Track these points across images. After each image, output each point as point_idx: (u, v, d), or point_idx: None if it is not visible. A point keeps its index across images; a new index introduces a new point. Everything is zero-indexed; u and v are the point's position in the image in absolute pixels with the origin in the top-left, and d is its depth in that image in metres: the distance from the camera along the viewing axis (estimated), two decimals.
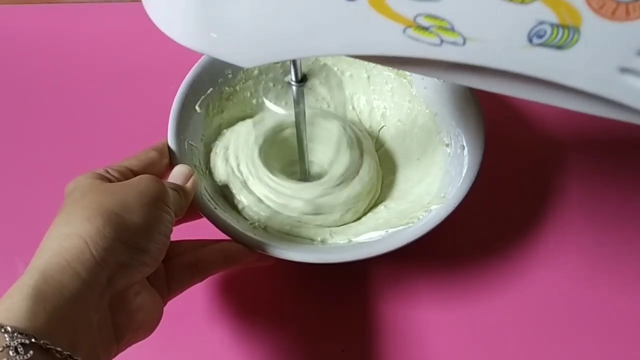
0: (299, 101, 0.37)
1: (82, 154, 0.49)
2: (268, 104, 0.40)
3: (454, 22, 0.22)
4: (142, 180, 0.32)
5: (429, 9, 0.22)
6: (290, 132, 0.44)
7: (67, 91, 0.53)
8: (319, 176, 0.43)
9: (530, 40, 0.22)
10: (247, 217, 0.41)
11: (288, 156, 0.45)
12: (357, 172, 0.42)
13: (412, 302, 0.41)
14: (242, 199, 0.41)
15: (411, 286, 0.42)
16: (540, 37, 0.21)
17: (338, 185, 0.41)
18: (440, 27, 0.22)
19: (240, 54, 0.26)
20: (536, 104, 0.49)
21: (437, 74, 0.25)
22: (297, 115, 0.38)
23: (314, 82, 0.39)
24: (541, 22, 0.21)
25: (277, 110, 0.40)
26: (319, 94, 0.41)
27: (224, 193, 0.42)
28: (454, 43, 0.22)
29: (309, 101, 0.39)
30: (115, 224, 0.29)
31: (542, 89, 0.24)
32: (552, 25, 0.21)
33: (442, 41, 0.23)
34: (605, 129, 0.49)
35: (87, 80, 0.53)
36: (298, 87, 0.36)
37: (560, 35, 0.21)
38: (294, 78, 0.36)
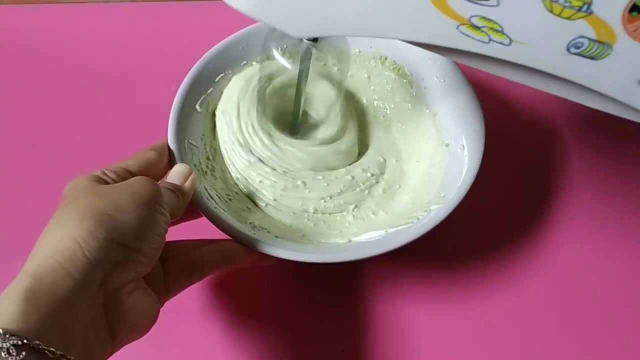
0: (305, 59, 0.38)
1: (82, 153, 0.49)
2: (277, 55, 0.40)
3: (504, 26, 0.25)
4: (136, 181, 0.33)
5: (485, 12, 0.24)
6: (288, 87, 0.44)
7: (67, 91, 0.53)
8: (306, 131, 0.45)
9: (568, 49, 0.25)
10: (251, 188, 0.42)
11: (281, 109, 0.45)
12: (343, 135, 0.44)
13: (412, 302, 0.41)
14: (242, 160, 0.42)
15: (411, 286, 0.42)
16: (577, 47, 0.25)
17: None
18: (492, 29, 0.25)
19: (294, 24, 0.28)
20: (536, 104, 0.49)
21: (479, 65, 0.28)
22: (300, 72, 0.39)
23: (324, 45, 0.40)
24: (581, 36, 0.24)
25: (284, 64, 0.41)
26: (326, 58, 0.42)
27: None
28: (500, 43, 0.25)
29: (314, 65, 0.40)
30: (107, 224, 0.29)
31: (573, 89, 0.27)
32: (590, 39, 0.24)
33: (490, 40, 0.25)
34: (605, 129, 0.49)
35: (87, 80, 0.53)
36: (309, 45, 0.37)
37: (595, 48, 0.24)
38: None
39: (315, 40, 0.36)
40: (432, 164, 0.43)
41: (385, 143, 0.46)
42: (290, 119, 0.44)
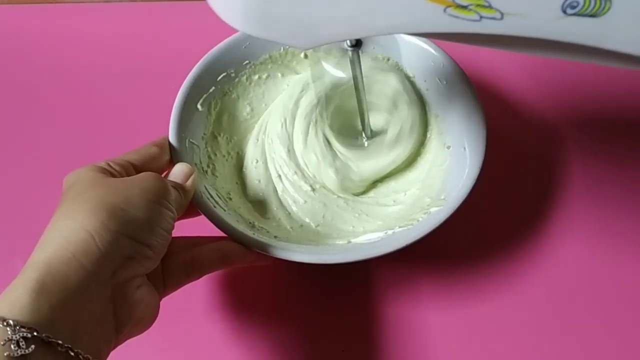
0: (355, 65, 0.38)
1: (83, 154, 0.49)
2: (326, 66, 0.41)
3: (490, 0, 0.24)
4: (145, 177, 0.33)
5: None
6: (343, 96, 0.45)
7: (68, 91, 0.53)
8: (374, 134, 0.45)
9: (564, 12, 0.23)
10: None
11: (343, 120, 0.45)
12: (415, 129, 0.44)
13: (412, 302, 0.41)
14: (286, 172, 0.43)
15: (411, 287, 0.42)
16: (573, 7, 0.23)
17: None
18: (478, 5, 0.24)
19: (296, 37, 0.28)
20: (537, 104, 0.49)
21: (477, 44, 0.27)
22: (354, 78, 0.39)
23: (369, 47, 0.41)
24: None
25: (335, 73, 0.41)
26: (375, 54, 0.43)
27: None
28: (492, 18, 0.24)
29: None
30: (119, 218, 0.29)
31: (577, 50, 0.26)
32: None
33: (481, 17, 0.24)
34: (606, 127, 0.49)
35: (87, 80, 0.53)
36: (353, 51, 0.37)
37: (593, 4, 0.23)
38: (348, 43, 0.37)
39: (357, 44, 0.37)
40: (433, 166, 0.43)
41: None
42: (361, 127, 0.44)
